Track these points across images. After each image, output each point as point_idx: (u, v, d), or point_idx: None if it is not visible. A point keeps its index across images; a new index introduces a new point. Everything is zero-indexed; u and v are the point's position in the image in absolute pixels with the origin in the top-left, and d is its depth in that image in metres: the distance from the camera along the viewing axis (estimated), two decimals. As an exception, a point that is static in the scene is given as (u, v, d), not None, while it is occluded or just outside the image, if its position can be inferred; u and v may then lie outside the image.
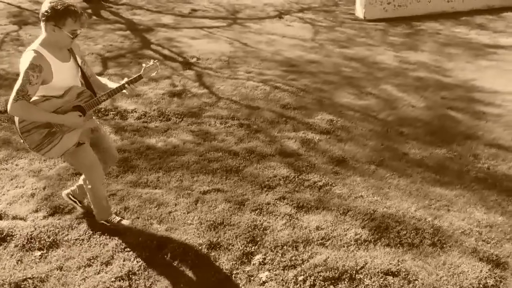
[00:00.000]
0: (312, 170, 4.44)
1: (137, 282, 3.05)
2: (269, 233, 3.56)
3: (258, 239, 3.50)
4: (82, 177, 3.47)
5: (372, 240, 3.49)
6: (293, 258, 3.30)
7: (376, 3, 10.62)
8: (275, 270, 3.20)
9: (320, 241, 3.47)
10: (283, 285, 3.08)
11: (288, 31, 9.79)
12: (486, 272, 3.17)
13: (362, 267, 3.20)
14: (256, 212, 3.81)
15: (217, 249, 3.40)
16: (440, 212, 3.85)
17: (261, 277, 3.17)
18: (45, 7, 2.79)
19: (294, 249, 3.40)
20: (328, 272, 3.15)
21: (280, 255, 3.34)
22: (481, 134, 5.20)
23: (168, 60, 7.83)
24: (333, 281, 3.10)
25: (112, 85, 3.22)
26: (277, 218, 3.73)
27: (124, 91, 3.14)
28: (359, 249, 3.40)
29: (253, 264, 3.27)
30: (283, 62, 7.70)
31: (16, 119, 2.92)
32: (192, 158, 4.61)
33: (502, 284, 3.10)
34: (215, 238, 3.49)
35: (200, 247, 3.40)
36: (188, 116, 5.61)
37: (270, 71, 7.27)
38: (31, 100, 2.84)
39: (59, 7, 2.76)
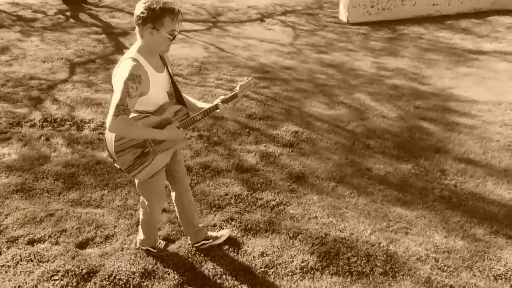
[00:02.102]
0: (268, 187, 4.19)
1: (53, 318, 2.80)
2: (209, 259, 3.31)
3: (197, 266, 3.25)
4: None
5: (320, 268, 3.24)
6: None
7: (359, 7, 10.38)
8: (210, 303, 2.95)
9: (263, 269, 3.22)
10: (215, 321, 2.82)
11: (268, 35, 9.54)
12: (437, 306, 2.92)
13: (303, 300, 2.95)
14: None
15: (151, 278, 3.15)
16: (397, 235, 3.60)
17: (193, 311, 2.91)
18: (139, 8, 2.48)
19: (234, 278, 3.15)
20: (266, 305, 2.90)
21: (217, 285, 3.08)
22: (451, 148, 4.95)
23: (138, 65, 7.55)
24: (270, 316, 2.84)
25: (198, 103, 2.98)
26: (221, 242, 3.47)
27: (217, 110, 2.87)
28: (303, 279, 3.15)
29: (188, 296, 3.02)
30: (256, 68, 7.44)
31: (112, 137, 2.61)
32: (142, 174, 4.34)
33: (453, 320, 2.85)
34: (151, 265, 3.24)
35: (132, 276, 3.15)
36: (147, 127, 5.34)
37: (241, 77, 7.00)
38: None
39: (155, 5, 2.45)
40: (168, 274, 3.18)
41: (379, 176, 4.43)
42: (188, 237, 3.40)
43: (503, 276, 3.18)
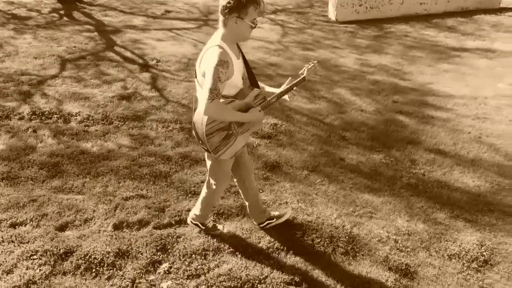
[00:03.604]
0: (243, 175, 4.37)
1: (30, 292, 2.98)
2: (181, 241, 3.50)
3: (169, 247, 3.43)
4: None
5: (285, 248, 3.42)
6: (199, 267, 3.23)
7: (347, 5, 10.56)
8: (178, 279, 3.14)
9: (232, 249, 3.41)
10: (182, 295, 3.01)
11: (256, 33, 9.71)
12: (392, 282, 3.11)
13: (266, 277, 3.14)
14: (174, 218, 3.74)
15: (125, 257, 3.33)
16: (362, 219, 3.79)
17: (163, 287, 3.10)
18: None
19: (203, 258, 3.33)
20: (230, 281, 3.09)
21: (187, 263, 3.27)
22: (423, 139, 5.14)
23: (128, 62, 7.75)
24: (234, 291, 3.03)
25: (266, 87, 3.15)
26: (191, 225, 3.65)
27: (289, 93, 3.06)
28: (268, 258, 3.33)
29: (158, 273, 3.21)
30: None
31: (203, 120, 2.78)
32: (123, 163, 4.54)
33: (405, 294, 3.04)
34: (125, 246, 3.43)
35: (107, 255, 3.33)
36: (131, 119, 5.54)
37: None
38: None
39: None
40: (141, 253, 3.36)
41: (351, 165, 4.62)
42: (252, 218, 3.59)
43: (456, 256, 3.37)
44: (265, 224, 3.59)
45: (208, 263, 3.27)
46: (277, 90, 3.08)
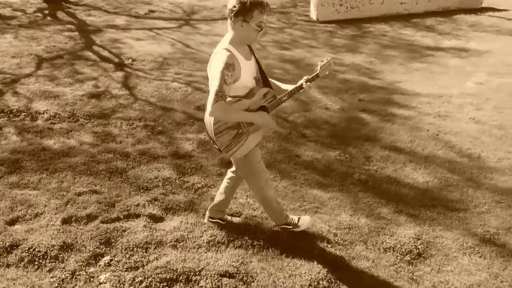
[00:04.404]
0: (197, 172, 4.46)
1: (-32, 283, 3.07)
2: (126, 235, 3.58)
3: (112, 241, 3.51)
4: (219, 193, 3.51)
5: (226, 242, 3.51)
6: (139, 260, 3.31)
7: (328, 5, 10.65)
8: (117, 272, 3.22)
9: (173, 243, 3.49)
10: (119, 287, 3.09)
11: (236, 32, 9.79)
12: (324, 274, 3.19)
13: (202, 269, 3.22)
14: (123, 213, 3.82)
15: (69, 250, 3.42)
16: (307, 214, 3.87)
17: (100, 279, 3.18)
18: (232, 2, 2.72)
19: (144, 251, 3.41)
20: (167, 273, 3.17)
21: (128, 256, 3.36)
22: (381, 136, 5.22)
23: (103, 61, 7.84)
24: (169, 282, 3.12)
25: (282, 85, 3.18)
26: (140, 219, 3.74)
27: (301, 91, 3.09)
28: (208, 251, 3.42)
29: (99, 266, 3.29)
30: (217, 63, 7.70)
31: (211, 120, 2.90)
32: (82, 160, 4.62)
33: (335, 285, 3.12)
34: (70, 240, 3.51)
35: (51, 248, 3.41)
36: (97, 117, 5.63)
37: (200, 72, 7.29)
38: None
39: (246, 0, 2.69)
40: (85, 247, 3.44)
41: (305, 162, 4.70)
42: (209, 209, 3.63)
43: (391, 249, 3.46)
44: (215, 220, 3.66)
45: (148, 256, 3.35)
46: (291, 87, 3.11)
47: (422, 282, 3.16)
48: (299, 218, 3.59)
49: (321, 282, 3.13)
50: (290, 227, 3.56)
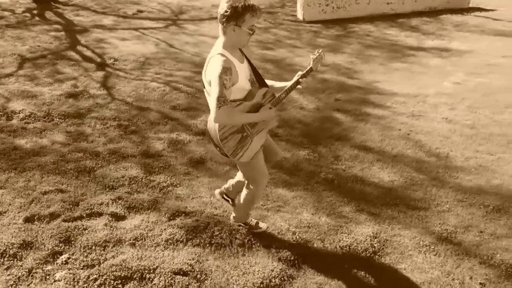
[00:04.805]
0: (165, 171, 4.50)
1: None
2: (86, 233, 3.61)
3: (72, 239, 3.55)
4: (239, 175, 3.48)
5: (184, 240, 3.54)
6: (96, 258, 3.35)
7: (314, 5, 10.68)
8: (73, 270, 3.25)
9: (132, 241, 3.53)
10: (73, 285, 3.12)
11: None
12: (277, 272, 3.22)
13: (157, 267, 3.25)
14: (86, 212, 3.85)
15: (28, 248, 3.45)
16: (269, 212, 3.90)
17: (56, 276, 3.21)
18: (223, 8, 2.74)
19: (102, 249, 3.44)
20: (121, 271, 3.20)
21: (85, 255, 3.39)
22: (353, 136, 5.25)
23: (86, 61, 7.87)
24: (123, 280, 3.15)
25: (276, 83, 3.20)
26: (102, 218, 3.77)
27: (298, 86, 3.13)
28: (166, 249, 3.45)
29: (56, 264, 3.32)
30: (199, 63, 7.74)
31: (215, 127, 2.89)
32: (52, 159, 4.65)
33: (287, 282, 3.15)
34: (31, 238, 3.54)
35: (11, 246, 3.44)
36: (72, 117, 5.66)
37: (180, 72, 7.33)
38: None
39: (237, 4, 2.70)
40: (44, 245, 3.47)
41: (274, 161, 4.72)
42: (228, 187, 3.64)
43: (348, 247, 3.49)
44: (227, 199, 3.69)
45: (106, 254, 3.39)
46: (288, 84, 3.15)
47: (374, 280, 3.19)
48: (257, 222, 3.62)
49: (273, 280, 3.16)
50: (247, 227, 3.60)
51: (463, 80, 6.82)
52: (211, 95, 2.74)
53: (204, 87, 2.97)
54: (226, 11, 2.72)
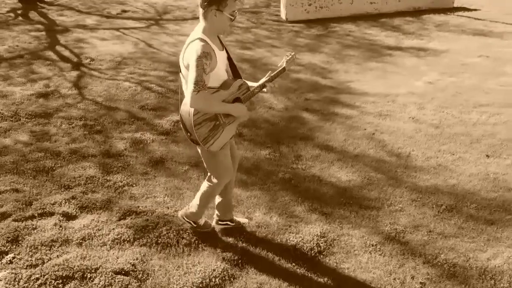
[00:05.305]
0: (123, 170, 4.50)
1: None
2: (35, 233, 3.61)
3: (20, 239, 3.55)
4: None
5: (131, 239, 3.54)
6: (40, 257, 3.35)
7: (297, 5, 10.68)
8: (16, 269, 3.25)
9: (79, 240, 3.53)
10: (13, 284, 3.12)
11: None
12: (219, 272, 3.23)
13: (99, 266, 3.25)
14: (38, 211, 3.86)
15: (-26, 248, 3.45)
16: (221, 212, 3.89)
17: (-2, 276, 3.21)
18: None
19: (48, 248, 3.45)
20: (63, 271, 3.21)
21: (30, 254, 3.39)
22: (317, 135, 5.25)
23: (62, 61, 7.87)
24: (64, 280, 3.15)
25: (249, 83, 3.19)
26: (53, 218, 3.78)
27: (264, 89, 3.16)
28: (111, 249, 3.45)
29: (1, 263, 3.32)
30: (175, 63, 7.74)
31: (190, 111, 2.82)
32: (12, 158, 4.66)
33: (228, 282, 3.15)
34: (-24, 237, 3.54)
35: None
36: (39, 117, 5.66)
37: (154, 72, 7.33)
38: None
39: None
40: (-9, 244, 3.47)
41: (234, 161, 4.72)
42: (216, 212, 3.60)
43: (293, 246, 3.49)
44: (224, 222, 3.62)
45: (51, 254, 3.39)
46: (255, 84, 3.16)
47: (315, 279, 3.20)
48: (205, 222, 3.63)
49: (213, 280, 3.17)
50: (195, 225, 3.60)
51: (435, 80, 6.82)
52: (189, 79, 2.71)
53: (180, 71, 2.92)
54: None
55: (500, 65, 7.38)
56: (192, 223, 3.59)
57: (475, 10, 11.43)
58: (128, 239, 3.55)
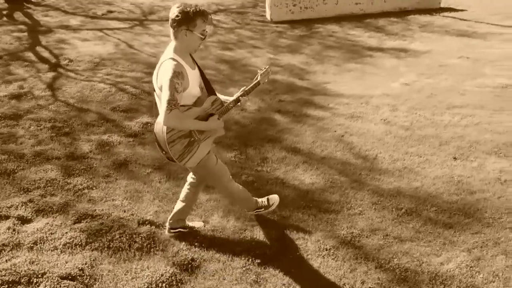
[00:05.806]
0: (85, 173, 4.46)
1: None
2: (-12, 237, 3.57)
3: (-29, 243, 3.51)
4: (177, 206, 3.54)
5: (83, 243, 3.51)
6: (-12, 262, 3.31)
7: (281, 5, 10.65)
8: (-37, 274, 3.21)
9: (31, 245, 3.49)
10: (-42, 289, 3.09)
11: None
12: (167, 276, 3.20)
13: (47, 271, 3.22)
14: (-7, 215, 3.81)
15: None
16: (178, 216, 3.85)
17: None
18: (174, 12, 2.79)
19: (-2, 252, 3.41)
20: (10, 276, 3.18)
21: (-20, 258, 3.35)
22: (285, 137, 5.22)
23: (41, 62, 7.84)
24: (10, 285, 3.12)
25: (221, 96, 3.22)
26: (8, 221, 3.74)
27: (238, 103, 3.20)
28: (62, 253, 3.42)
29: (-52, 268, 3.28)
30: (153, 64, 7.68)
31: (164, 129, 2.88)
32: (-26, 161, 4.62)
33: (175, 287, 3.12)
34: None
35: None
36: (9, 118, 5.63)
37: (131, 73, 7.29)
38: None
39: (188, 9, 2.76)
40: None
41: (199, 164, 4.69)
42: (169, 219, 3.59)
43: (246, 251, 3.45)
44: (177, 230, 3.61)
45: (0, 258, 3.35)
46: (230, 98, 3.20)
47: (265, 284, 3.16)
48: (268, 199, 3.67)
49: (160, 285, 3.14)
50: (263, 209, 3.64)
51: (412, 81, 6.79)
52: (162, 98, 2.77)
53: (155, 91, 2.97)
54: (177, 16, 2.77)
55: (480, 67, 7.35)
56: (259, 210, 3.64)
57: (462, 10, 11.39)
58: (80, 243, 3.51)
